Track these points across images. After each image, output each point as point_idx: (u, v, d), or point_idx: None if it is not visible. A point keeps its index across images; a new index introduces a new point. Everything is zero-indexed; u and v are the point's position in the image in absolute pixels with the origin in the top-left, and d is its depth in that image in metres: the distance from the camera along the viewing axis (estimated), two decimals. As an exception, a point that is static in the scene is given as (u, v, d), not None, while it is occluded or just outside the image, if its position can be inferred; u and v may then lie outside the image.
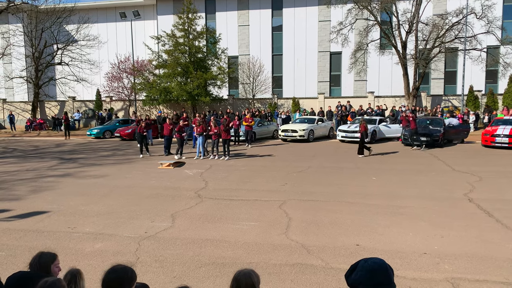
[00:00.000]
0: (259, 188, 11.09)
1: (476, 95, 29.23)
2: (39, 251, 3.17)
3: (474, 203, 9.19)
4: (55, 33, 35.17)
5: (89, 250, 6.61)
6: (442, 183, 11.43)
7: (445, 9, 30.89)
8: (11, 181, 12.51)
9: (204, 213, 8.63)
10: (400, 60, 27.45)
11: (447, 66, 33.34)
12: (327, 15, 34.40)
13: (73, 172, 14.14)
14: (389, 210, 8.72)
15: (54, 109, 37.39)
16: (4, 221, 8.26)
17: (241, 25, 36.59)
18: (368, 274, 2.01)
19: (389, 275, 2.03)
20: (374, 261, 2.06)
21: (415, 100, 28.01)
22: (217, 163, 15.63)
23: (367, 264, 2.04)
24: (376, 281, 1.99)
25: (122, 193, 10.76)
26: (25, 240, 7.11)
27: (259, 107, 32.48)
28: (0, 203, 9.80)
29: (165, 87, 29.87)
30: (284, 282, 5.36)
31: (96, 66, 37.28)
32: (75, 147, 22.35)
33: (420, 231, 7.29)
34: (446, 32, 26.66)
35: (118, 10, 36.67)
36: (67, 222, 8.13)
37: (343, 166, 14.62)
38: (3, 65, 39.28)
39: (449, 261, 5.95)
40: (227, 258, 6.17)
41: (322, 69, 35.62)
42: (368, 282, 2.00)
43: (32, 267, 3.03)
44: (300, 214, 8.45)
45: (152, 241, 6.97)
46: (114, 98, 35.93)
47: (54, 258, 3.09)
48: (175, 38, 29.87)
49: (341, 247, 6.57)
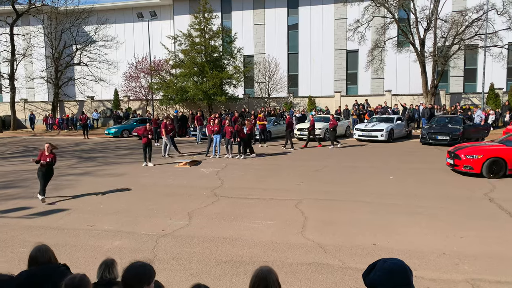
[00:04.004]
0: (275, 187, 11.09)
1: (497, 93, 28.57)
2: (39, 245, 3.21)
3: (495, 203, 9.00)
4: (74, 34, 35.85)
5: (108, 247, 6.72)
6: (462, 182, 11.23)
7: (465, 5, 30.28)
8: (32, 179, 12.79)
9: (220, 212, 8.67)
10: (418, 58, 27.04)
11: (467, 63, 32.68)
12: (344, 13, 34.13)
13: (92, 170, 14.39)
14: (407, 209, 8.61)
15: (73, 108, 38.10)
16: (26, 219, 8.47)
17: (256, 24, 36.59)
18: (387, 274, 2.00)
19: (408, 276, 2.02)
20: (393, 261, 2.04)
21: (433, 98, 27.57)
22: (232, 162, 15.68)
23: (386, 265, 2.03)
24: (395, 282, 1.98)
25: (139, 191, 10.90)
26: (46, 237, 7.27)
27: (274, 106, 32.44)
28: (22, 201, 10.05)
29: (181, 86, 30.11)
30: (300, 281, 5.35)
31: (114, 66, 37.83)
32: (93, 146, 22.73)
33: (438, 231, 7.18)
34: (466, 29, 26.13)
35: (135, 10, 37.12)
36: (86, 220, 8.28)
37: (359, 165, 14.49)
38: (25, 66, 40.19)
39: (468, 261, 5.85)
40: (243, 256, 6.19)
41: (338, 67, 35.36)
42: (386, 282, 1.98)
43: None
44: (316, 213, 8.42)
45: (169, 239, 7.05)
46: (132, 97, 36.40)
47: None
48: (191, 37, 30.08)
49: (358, 246, 6.52)
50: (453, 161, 12.40)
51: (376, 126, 21.47)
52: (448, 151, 13.11)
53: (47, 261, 3.03)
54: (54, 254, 3.15)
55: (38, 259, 3.03)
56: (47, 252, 3.08)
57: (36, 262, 3.03)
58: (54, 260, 3.10)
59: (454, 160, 12.35)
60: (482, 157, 11.69)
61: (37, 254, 3.05)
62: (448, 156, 12.91)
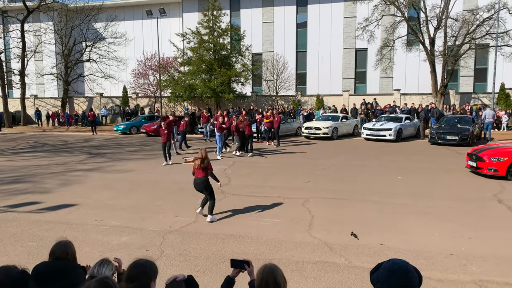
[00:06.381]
0: (282, 185, 11.09)
1: (508, 93, 28.23)
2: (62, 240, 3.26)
3: (504, 204, 8.91)
4: (83, 31, 36.15)
5: (116, 243, 6.78)
6: (471, 183, 11.13)
7: (476, 4, 29.93)
8: (41, 174, 12.94)
9: (227, 209, 8.69)
10: (428, 57, 26.81)
11: (477, 63, 32.33)
12: (353, 11, 33.93)
13: (100, 166, 14.51)
14: (415, 209, 8.56)
15: (83, 105, 38.40)
16: (35, 213, 8.57)
17: (265, 22, 36.54)
18: (386, 273, 2.04)
19: (409, 278, 2.02)
20: (395, 261, 2.08)
21: (443, 98, 27.33)
22: (240, 160, 15.70)
23: (388, 264, 2.08)
24: (394, 282, 2.01)
25: (147, 187, 10.97)
26: (54, 231, 7.35)
27: (282, 104, 32.39)
28: (31, 195, 10.16)
29: (189, 84, 30.19)
30: (306, 280, 5.35)
31: (123, 63, 38.05)
32: (102, 142, 22.90)
33: (446, 231, 7.13)
34: (477, 28, 25.84)
35: (145, 8, 37.24)
36: (95, 215, 8.36)
37: (367, 164, 14.42)
38: (35, 62, 40.58)
39: (476, 263, 5.80)
40: (250, 254, 6.20)
41: (347, 66, 35.20)
42: (385, 281, 2.03)
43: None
44: (323, 212, 8.40)
45: (177, 235, 7.08)
46: (140, 94, 36.59)
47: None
48: (200, 35, 30.13)
49: (364, 246, 6.50)
50: (476, 164, 12.00)
51: (385, 126, 21.35)
52: (468, 153, 12.68)
53: (65, 256, 3.08)
54: (73, 249, 3.18)
55: (56, 253, 3.10)
56: (66, 246, 3.13)
57: (54, 255, 3.10)
58: (72, 256, 3.14)
59: (477, 162, 11.96)
60: (507, 159, 11.36)
61: (56, 248, 3.13)
62: (468, 158, 12.48)
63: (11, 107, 36.98)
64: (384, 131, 21.02)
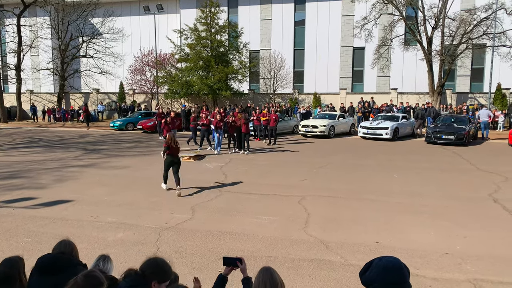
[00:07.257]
0: (278, 183, 11.09)
1: (504, 93, 28.35)
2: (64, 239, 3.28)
3: (499, 203, 8.96)
4: (80, 26, 35.87)
5: (112, 239, 6.76)
6: (466, 183, 11.18)
7: (474, 4, 29.96)
8: (37, 170, 12.87)
9: (224, 206, 8.69)
10: (425, 56, 26.86)
11: (474, 63, 32.41)
12: (351, 9, 33.90)
13: (96, 162, 14.45)
14: (411, 208, 8.59)
15: (79, 100, 38.22)
16: (30, 209, 8.53)
17: (263, 19, 36.45)
18: (381, 272, 1.98)
19: (404, 274, 2.00)
20: (388, 259, 2.03)
21: (439, 97, 27.41)
22: (237, 157, 15.69)
23: (381, 263, 2.02)
24: (390, 280, 1.96)
25: (143, 184, 10.94)
26: (50, 227, 7.32)
27: (279, 102, 32.38)
28: (26, 191, 10.11)
29: (186, 80, 30.11)
30: (302, 277, 5.36)
31: (119, 59, 37.84)
32: (98, 138, 22.81)
33: (442, 230, 7.16)
34: (474, 28, 25.90)
35: (142, 4, 37.05)
36: (90, 211, 8.33)
37: (364, 163, 14.45)
38: (31, 57, 40.28)
39: (471, 261, 5.83)
40: (246, 251, 6.20)
41: (344, 64, 35.20)
42: (381, 280, 1.97)
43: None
44: (319, 210, 8.42)
45: (172, 232, 7.07)
46: (137, 91, 36.44)
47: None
48: (198, 32, 30.01)
49: (360, 244, 6.52)
50: None
51: (381, 124, 21.40)
52: None
53: (70, 252, 3.14)
54: (76, 249, 3.24)
55: (61, 249, 3.16)
56: (70, 244, 3.19)
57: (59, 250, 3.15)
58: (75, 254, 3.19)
59: None
60: None
61: (60, 245, 3.16)
62: None
63: (6, 102, 36.69)
64: (381, 130, 21.07)
